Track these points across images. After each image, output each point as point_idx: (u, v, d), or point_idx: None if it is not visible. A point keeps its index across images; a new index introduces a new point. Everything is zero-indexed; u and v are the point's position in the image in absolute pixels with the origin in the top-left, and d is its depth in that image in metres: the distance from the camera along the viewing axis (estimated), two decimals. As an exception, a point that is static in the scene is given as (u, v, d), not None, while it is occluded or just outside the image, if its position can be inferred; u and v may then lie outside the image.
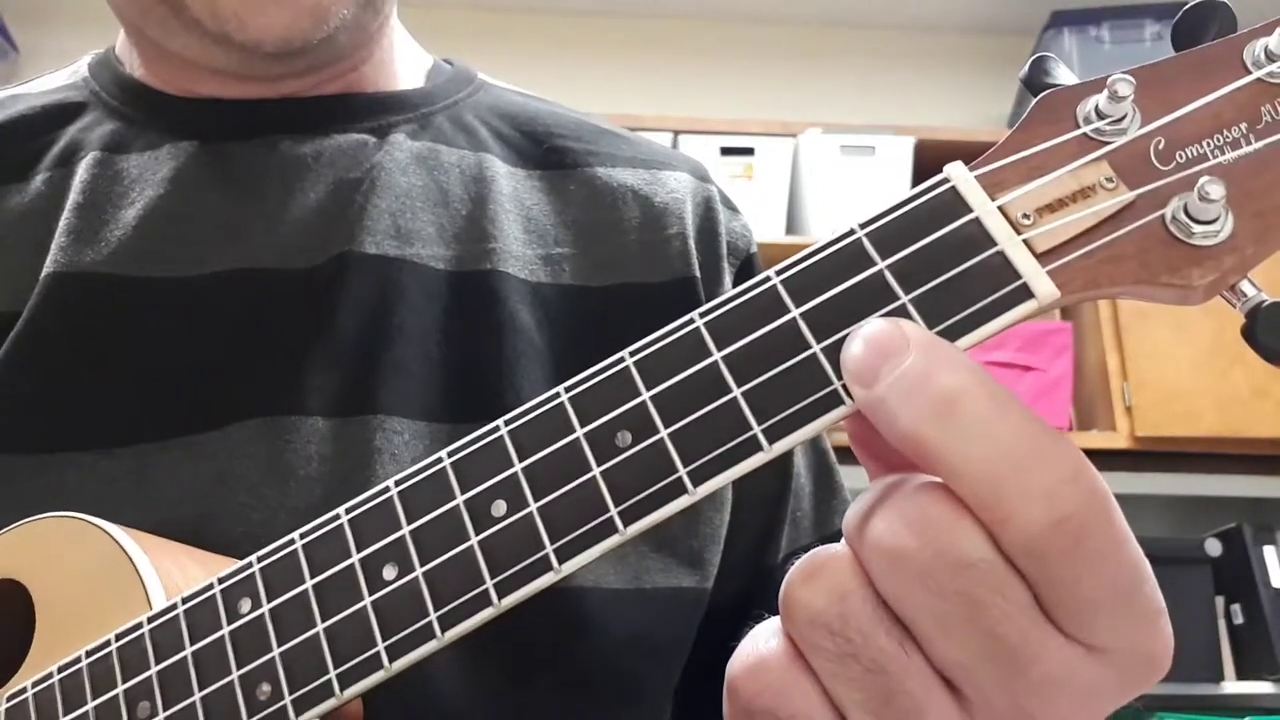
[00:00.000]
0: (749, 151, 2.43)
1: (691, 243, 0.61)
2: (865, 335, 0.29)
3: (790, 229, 2.44)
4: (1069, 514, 0.27)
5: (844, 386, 0.30)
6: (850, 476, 0.58)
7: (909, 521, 0.29)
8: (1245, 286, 0.27)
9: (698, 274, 0.60)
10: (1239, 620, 2.16)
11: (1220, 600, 2.17)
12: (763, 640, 0.33)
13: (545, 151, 0.63)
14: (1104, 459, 2.15)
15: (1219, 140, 0.28)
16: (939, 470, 0.28)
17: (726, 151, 2.41)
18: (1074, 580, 0.28)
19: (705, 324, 0.32)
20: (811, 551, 0.32)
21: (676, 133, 2.43)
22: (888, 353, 0.29)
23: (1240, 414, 2.22)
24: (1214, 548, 2.14)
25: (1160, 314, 2.27)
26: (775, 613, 0.32)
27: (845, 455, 0.57)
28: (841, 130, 2.45)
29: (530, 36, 2.78)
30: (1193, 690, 2.06)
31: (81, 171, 0.58)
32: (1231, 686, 2.11)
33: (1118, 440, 2.21)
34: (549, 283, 0.58)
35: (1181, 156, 0.28)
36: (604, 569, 0.53)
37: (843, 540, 0.31)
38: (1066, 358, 2.31)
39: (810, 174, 2.42)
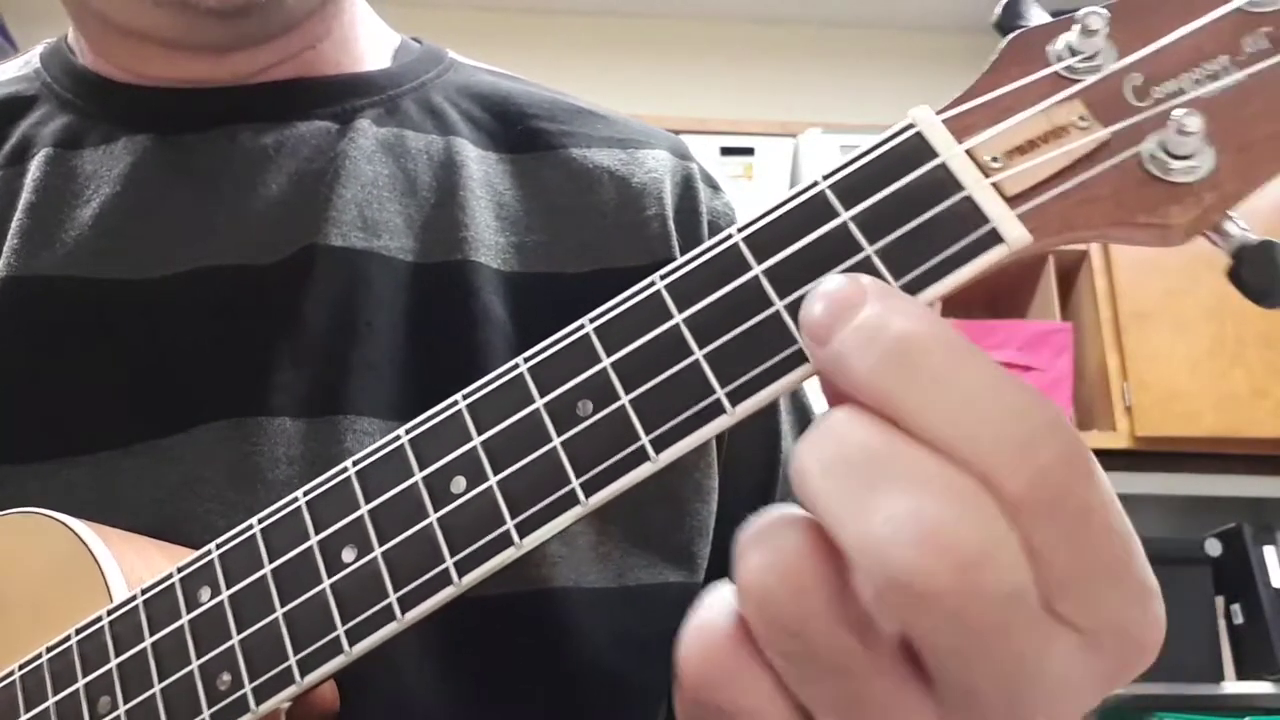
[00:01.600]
0: (749, 151, 2.43)
1: (671, 224, 0.58)
2: (822, 292, 0.27)
3: (791, 229, 2.44)
4: (1048, 465, 0.25)
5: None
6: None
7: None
8: (1229, 226, 0.25)
9: (678, 256, 0.57)
10: (1239, 620, 2.15)
11: (1220, 600, 2.17)
12: (716, 613, 0.30)
13: (518, 134, 0.61)
14: (1104, 459, 2.11)
15: (1199, 74, 0.26)
16: (906, 424, 0.26)
17: (726, 151, 2.41)
18: (1056, 545, 0.25)
19: (666, 286, 0.30)
20: (767, 517, 0.29)
21: (676, 133, 2.42)
22: (845, 307, 0.27)
23: (1240, 414, 2.21)
24: (1214, 548, 2.14)
25: (1160, 314, 2.27)
26: None
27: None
28: (841, 130, 2.45)
29: (530, 36, 2.78)
30: (1193, 690, 2.05)
31: (34, 169, 0.56)
32: (1231, 686, 2.10)
33: (1118, 440, 2.21)
34: (522, 271, 0.56)
35: (1159, 92, 0.26)
36: (585, 568, 0.51)
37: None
38: (1066, 358, 2.30)
39: (810, 174, 2.41)
